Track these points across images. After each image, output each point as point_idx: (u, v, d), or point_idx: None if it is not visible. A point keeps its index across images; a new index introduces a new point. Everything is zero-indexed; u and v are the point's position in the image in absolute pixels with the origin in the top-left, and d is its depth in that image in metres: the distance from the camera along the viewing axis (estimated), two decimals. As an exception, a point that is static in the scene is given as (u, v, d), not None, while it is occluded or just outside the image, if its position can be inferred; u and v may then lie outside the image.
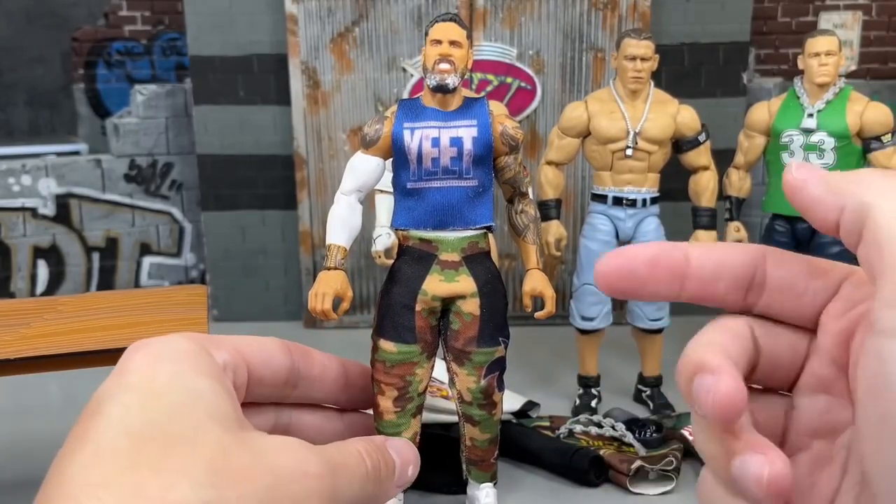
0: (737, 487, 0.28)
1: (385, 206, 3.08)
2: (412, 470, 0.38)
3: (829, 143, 3.17)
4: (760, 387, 0.33)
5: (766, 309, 0.32)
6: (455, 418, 2.71)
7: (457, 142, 2.36)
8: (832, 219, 0.29)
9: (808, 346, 0.32)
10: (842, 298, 0.32)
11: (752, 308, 0.32)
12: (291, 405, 0.41)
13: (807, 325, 0.33)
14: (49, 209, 4.70)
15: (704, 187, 3.31)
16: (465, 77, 2.46)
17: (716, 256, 0.32)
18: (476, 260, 2.42)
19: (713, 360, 0.28)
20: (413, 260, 2.41)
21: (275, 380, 0.38)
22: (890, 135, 3.17)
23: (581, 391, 3.51)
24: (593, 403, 3.46)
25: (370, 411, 0.41)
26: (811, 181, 0.30)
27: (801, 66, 3.25)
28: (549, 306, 2.47)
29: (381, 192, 3.08)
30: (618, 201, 3.26)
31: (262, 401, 0.39)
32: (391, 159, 2.42)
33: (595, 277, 0.32)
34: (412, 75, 4.40)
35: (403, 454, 0.38)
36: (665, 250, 0.32)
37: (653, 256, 0.32)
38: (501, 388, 2.55)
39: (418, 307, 2.40)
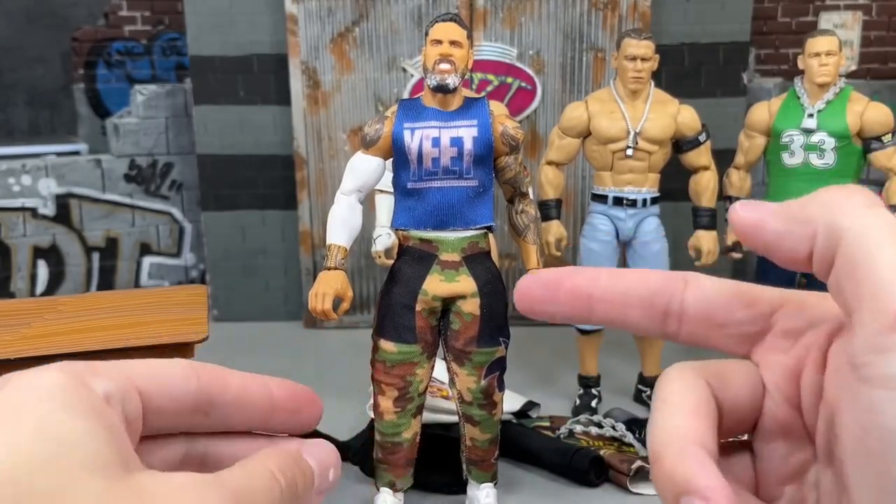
0: None
1: (385, 206, 3.08)
2: (333, 473, 0.35)
3: (830, 143, 3.17)
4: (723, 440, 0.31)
5: (690, 338, 0.31)
6: (455, 418, 2.71)
7: (457, 142, 2.36)
8: (803, 251, 0.27)
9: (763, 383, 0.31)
10: (781, 331, 0.30)
11: (676, 337, 0.31)
12: (208, 434, 0.36)
13: (740, 355, 0.31)
14: (49, 209, 4.70)
15: (705, 187, 3.31)
16: (466, 77, 2.46)
17: (625, 282, 0.31)
18: (476, 260, 2.42)
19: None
20: (413, 260, 2.41)
21: (178, 408, 0.33)
22: (890, 135, 3.17)
23: (581, 391, 3.51)
24: (593, 403, 3.45)
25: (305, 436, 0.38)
26: (768, 216, 0.28)
27: (801, 66, 3.25)
28: (550, 306, 2.47)
29: (382, 192, 3.08)
30: (618, 201, 3.26)
31: (167, 431, 0.34)
32: (391, 159, 2.43)
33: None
34: (412, 75, 4.40)
35: (322, 458, 0.35)
36: (572, 274, 0.31)
37: (554, 279, 0.31)
38: (502, 388, 2.55)
39: (419, 307, 2.40)
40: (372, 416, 2.65)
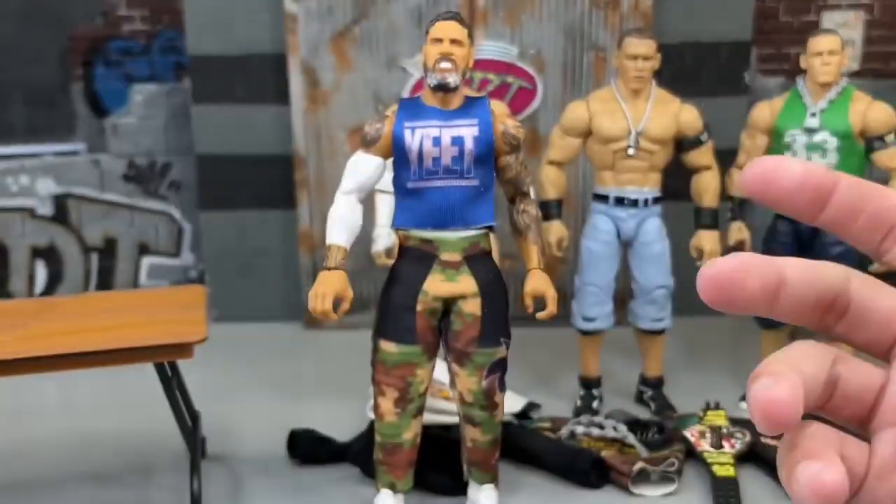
0: (792, 495, 0.27)
1: (385, 206, 3.07)
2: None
3: (832, 142, 3.15)
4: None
5: (844, 335, 0.30)
6: (456, 419, 2.70)
7: (458, 141, 2.35)
8: None
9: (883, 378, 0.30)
10: None
11: (829, 331, 0.30)
12: None
13: (881, 356, 0.31)
14: (47, 209, 4.68)
15: (706, 188, 3.29)
16: (467, 76, 2.45)
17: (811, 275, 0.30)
18: (477, 260, 2.41)
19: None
20: (414, 260, 2.40)
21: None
22: (893, 134, 3.16)
23: (582, 392, 3.50)
24: (595, 404, 3.44)
25: None
26: None
27: (803, 65, 3.23)
28: (551, 307, 2.46)
29: (382, 191, 3.06)
30: (619, 201, 3.24)
31: None
32: (391, 159, 2.41)
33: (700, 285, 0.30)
34: (412, 74, 4.38)
35: None
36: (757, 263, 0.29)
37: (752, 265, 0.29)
38: (503, 388, 2.54)
39: (419, 308, 2.39)
40: (372, 417, 2.63)
